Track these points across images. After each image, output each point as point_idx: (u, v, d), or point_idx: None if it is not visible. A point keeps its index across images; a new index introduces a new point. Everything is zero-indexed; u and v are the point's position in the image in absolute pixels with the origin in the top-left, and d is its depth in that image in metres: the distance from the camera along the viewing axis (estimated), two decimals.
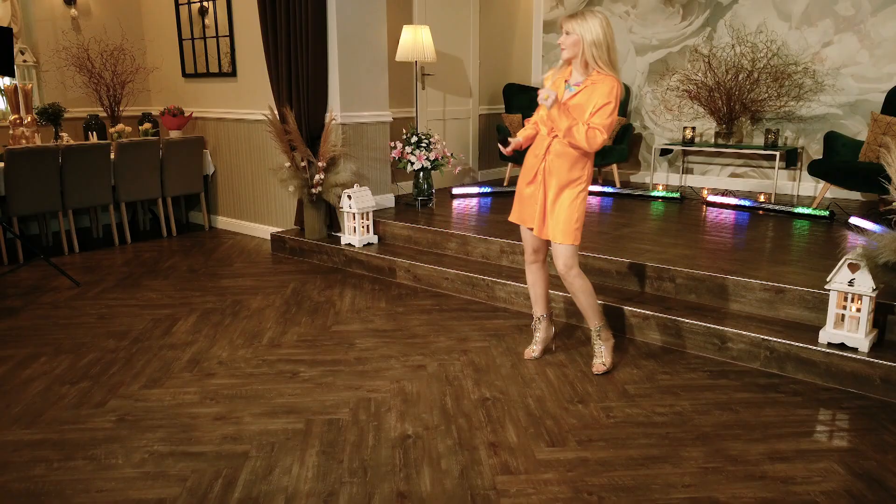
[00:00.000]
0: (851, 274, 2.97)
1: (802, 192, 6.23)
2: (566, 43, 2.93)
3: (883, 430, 2.64)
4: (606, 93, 2.88)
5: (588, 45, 2.88)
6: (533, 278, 3.31)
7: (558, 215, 3.02)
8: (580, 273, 3.10)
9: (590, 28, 2.87)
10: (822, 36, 5.92)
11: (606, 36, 2.89)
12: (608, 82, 2.89)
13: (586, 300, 3.13)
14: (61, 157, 5.18)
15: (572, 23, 2.91)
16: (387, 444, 2.56)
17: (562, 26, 2.96)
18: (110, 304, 4.19)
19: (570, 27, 2.91)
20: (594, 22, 2.88)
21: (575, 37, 2.90)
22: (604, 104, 2.87)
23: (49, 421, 2.75)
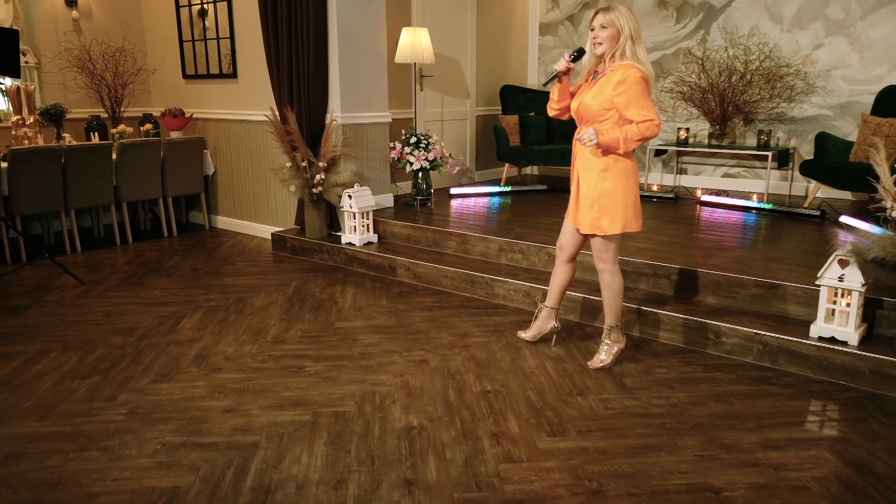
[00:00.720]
0: (841, 270, 3.06)
1: (794, 191, 6.34)
2: (603, 37, 2.86)
3: (872, 420, 2.73)
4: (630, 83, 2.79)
5: (625, 38, 2.85)
6: (555, 271, 3.37)
7: (584, 205, 3.04)
8: (612, 270, 3.10)
9: (626, 21, 2.84)
10: (814, 38, 6.04)
11: (637, 28, 2.89)
12: (629, 69, 2.81)
13: (610, 298, 3.16)
14: (64, 157, 5.23)
15: (607, 17, 2.85)
16: (392, 435, 2.64)
17: (593, 21, 2.91)
18: (115, 302, 4.26)
19: (606, 21, 2.85)
20: (629, 15, 2.86)
21: (613, 30, 2.85)
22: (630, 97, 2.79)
23: (62, 414, 2.81)
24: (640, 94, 2.82)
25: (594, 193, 3.00)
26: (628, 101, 2.83)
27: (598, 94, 2.92)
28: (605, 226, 3.02)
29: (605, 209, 3.00)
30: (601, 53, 2.92)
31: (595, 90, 2.94)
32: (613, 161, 2.97)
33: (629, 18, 2.86)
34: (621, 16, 2.85)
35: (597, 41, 2.90)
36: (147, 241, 5.96)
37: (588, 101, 2.96)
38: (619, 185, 2.98)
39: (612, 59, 2.91)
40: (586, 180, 3.04)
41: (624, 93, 2.83)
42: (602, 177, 2.98)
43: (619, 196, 2.99)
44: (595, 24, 2.91)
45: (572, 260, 3.32)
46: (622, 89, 2.83)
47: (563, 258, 3.31)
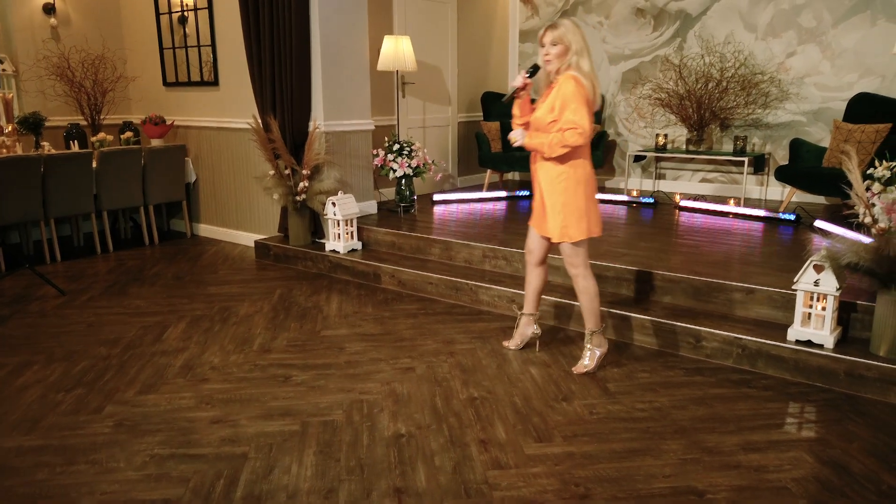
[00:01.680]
0: (817, 275, 3.15)
1: (770, 196, 6.47)
2: (553, 54, 2.98)
3: (847, 421, 2.81)
4: (568, 87, 2.93)
5: (573, 53, 2.98)
6: (528, 277, 3.47)
7: (550, 214, 3.14)
8: (584, 274, 3.18)
9: (574, 37, 2.97)
10: (787, 47, 6.18)
11: (586, 42, 3.01)
12: (566, 80, 2.95)
13: (586, 302, 3.24)
14: (43, 166, 5.18)
15: (555, 34, 2.97)
16: (381, 443, 2.67)
17: (542, 38, 3.01)
18: (98, 312, 4.23)
19: (555, 38, 2.97)
20: (576, 30, 2.98)
21: (562, 47, 2.97)
22: (566, 100, 2.92)
23: (48, 427, 2.80)
24: (573, 100, 2.91)
25: (558, 202, 3.11)
26: (563, 105, 2.95)
27: (547, 104, 3.06)
28: (572, 233, 3.12)
29: (570, 216, 3.10)
30: (551, 69, 3.04)
31: (546, 102, 3.07)
32: (570, 168, 3.07)
33: (576, 33, 2.99)
34: (568, 31, 2.97)
35: (547, 58, 3.02)
36: (128, 249, 5.92)
37: (539, 115, 3.10)
38: (580, 192, 3.09)
39: (558, 73, 3.04)
40: (548, 190, 3.15)
41: (561, 98, 2.96)
42: (562, 185, 3.09)
43: (581, 202, 3.10)
44: (545, 41, 3.01)
45: (542, 263, 3.42)
46: (562, 94, 2.96)
47: (534, 262, 3.40)
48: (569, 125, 2.92)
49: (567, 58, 2.99)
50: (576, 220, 3.10)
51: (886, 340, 3.05)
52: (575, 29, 2.99)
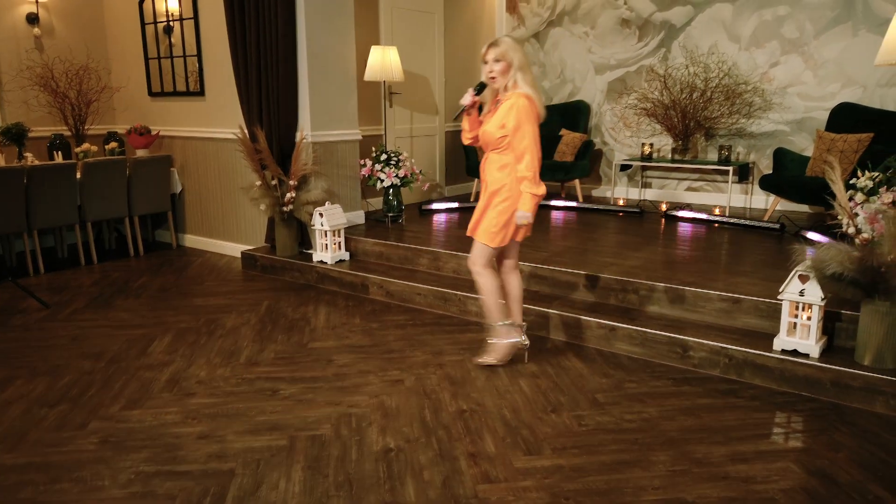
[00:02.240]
0: (802, 284, 3.18)
1: (754, 204, 6.53)
2: (496, 70, 3.10)
3: (834, 431, 2.84)
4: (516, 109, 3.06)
5: (516, 69, 3.10)
6: (505, 288, 3.52)
7: (488, 217, 3.29)
8: (481, 272, 3.35)
9: (515, 53, 3.09)
10: (770, 57, 6.25)
11: (526, 58, 3.16)
12: (517, 97, 3.08)
13: (485, 299, 3.41)
14: (26, 177, 5.13)
15: (498, 51, 3.09)
16: (370, 458, 2.65)
17: (486, 56, 3.13)
18: (82, 326, 4.18)
19: (497, 55, 3.09)
20: (517, 47, 3.12)
21: (505, 63, 3.09)
22: (518, 123, 3.07)
23: (32, 444, 2.75)
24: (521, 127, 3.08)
25: (493, 210, 3.26)
26: (517, 125, 3.08)
27: (494, 121, 3.18)
28: (496, 239, 3.28)
29: (498, 224, 3.25)
30: (498, 87, 3.16)
31: (494, 118, 3.19)
32: (513, 185, 3.22)
33: (517, 50, 3.12)
34: (510, 49, 3.09)
35: (491, 75, 3.13)
36: (113, 260, 5.86)
37: (488, 129, 3.20)
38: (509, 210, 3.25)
39: (505, 90, 3.15)
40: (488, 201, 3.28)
41: (512, 119, 3.08)
42: (503, 196, 3.23)
43: (506, 217, 3.25)
44: (488, 58, 3.12)
45: (515, 268, 3.51)
46: (513, 117, 3.08)
47: (507, 269, 3.50)
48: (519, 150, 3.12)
49: (510, 74, 3.10)
50: (500, 229, 3.25)
51: (871, 349, 3.08)
52: (516, 46, 3.13)
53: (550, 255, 4.58)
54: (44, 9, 6.05)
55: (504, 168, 3.22)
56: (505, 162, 3.21)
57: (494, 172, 3.25)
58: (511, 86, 3.12)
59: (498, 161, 3.23)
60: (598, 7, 7.17)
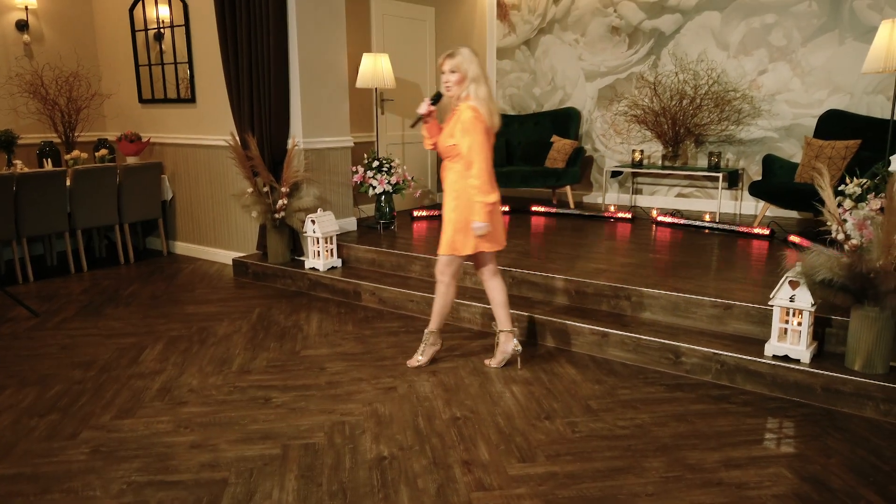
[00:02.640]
0: (792, 290, 3.20)
1: (744, 210, 6.58)
2: (452, 81, 3.17)
3: (825, 436, 2.85)
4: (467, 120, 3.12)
5: (470, 80, 3.16)
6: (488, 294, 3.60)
7: (447, 228, 3.36)
8: (448, 283, 3.46)
9: (470, 65, 3.15)
10: (758, 64, 6.31)
11: (481, 70, 3.19)
12: (465, 110, 3.15)
13: (440, 307, 3.51)
14: (15, 184, 5.09)
15: (454, 62, 3.15)
16: (364, 466, 2.64)
17: (443, 66, 3.19)
18: (72, 334, 4.15)
19: (453, 66, 3.15)
20: (472, 58, 3.16)
21: (460, 74, 3.16)
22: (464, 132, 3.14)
23: (21, 454, 2.73)
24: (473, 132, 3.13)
25: (450, 219, 3.34)
26: (463, 137, 3.15)
27: (446, 131, 3.28)
28: (458, 247, 3.35)
29: (458, 232, 3.33)
30: (452, 95, 3.24)
31: (448, 128, 3.28)
32: (463, 188, 3.28)
33: (473, 62, 3.17)
34: (465, 60, 3.15)
35: (447, 85, 3.21)
36: (103, 268, 5.82)
37: (444, 140, 3.29)
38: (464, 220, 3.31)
39: (458, 100, 3.23)
40: (448, 209, 3.36)
41: (461, 132, 3.16)
42: (454, 204, 3.32)
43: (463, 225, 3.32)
44: (444, 68, 3.19)
45: (495, 273, 3.54)
46: (459, 128, 3.17)
47: (488, 276, 3.53)
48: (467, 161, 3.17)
49: (465, 85, 3.17)
50: (454, 234, 3.32)
51: (861, 355, 3.11)
52: (472, 57, 3.17)
53: (542, 261, 4.59)
54: (33, 16, 6.02)
55: (457, 175, 3.31)
56: (458, 169, 3.29)
57: (450, 179, 3.35)
58: (464, 97, 3.19)
59: (452, 168, 3.32)
60: (588, 15, 7.22)
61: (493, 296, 3.55)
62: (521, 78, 7.83)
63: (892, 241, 2.94)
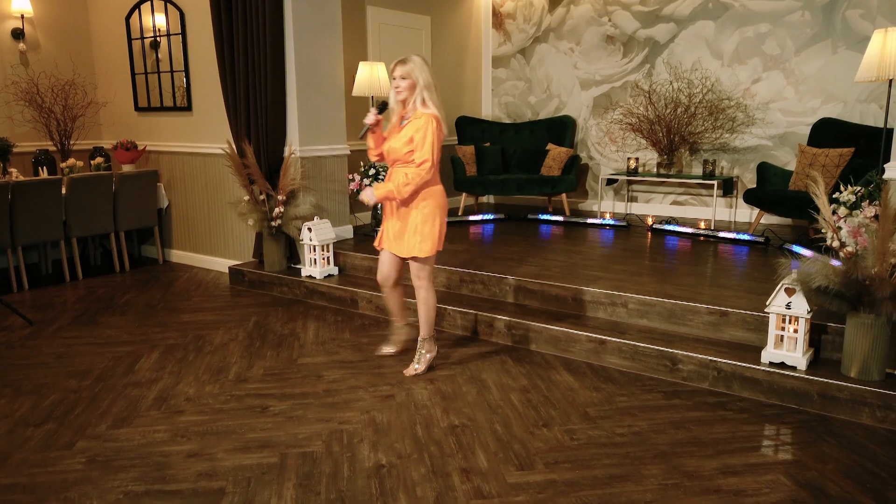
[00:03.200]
0: (788, 298, 3.22)
1: (739, 218, 6.61)
2: (403, 87, 3.25)
3: (822, 442, 2.86)
4: (427, 127, 3.23)
5: (421, 88, 3.25)
6: (389, 298, 3.76)
7: (408, 234, 3.41)
8: (427, 287, 3.51)
9: (420, 73, 3.24)
10: (752, 73, 6.36)
11: (431, 77, 3.29)
12: (426, 118, 3.24)
13: (425, 313, 3.55)
14: (10, 193, 5.08)
15: (404, 69, 3.23)
16: (362, 475, 2.64)
17: (393, 72, 3.26)
18: (68, 343, 4.13)
19: (404, 73, 3.24)
20: (423, 65, 3.26)
21: (411, 81, 3.24)
22: (423, 137, 3.23)
23: (17, 464, 2.71)
24: (427, 139, 3.24)
25: (418, 224, 3.39)
26: (419, 144, 3.25)
27: (402, 137, 3.32)
28: (427, 248, 3.41)
29: (425, 236, 3.39)
30: (403, 100, 3.32)
31: (401, 134, 3.33)
32: (432, 198, 3.39)
33: (423, 69, 3.26)
34: (416, 67, 3.24)
35: (398, 90, 3.29)
36: (98, 276, 5.81)
37: (395, 145, 3.34)
38: (437, 216, 3.42)
39: (413, 107, 3.30)
40: (411, 215, 3.40)
41: (420, 134, 3.25)
42: (427, 211, 3.38)
43: (437, 226, 3.42)
44: (395, 75, 3.27)
45: (398, 284, 3.68)
46: (421, 133, 3.24)
47: (390, 285, 3.66)
48: (421, 160, 3.25)
49: (416, 92, 3.26)
50: (431, 239, 3.41)
51: (857, 361, 3.12)
52: (423, 65, 3.26)
53: (539, 269, 4.60)
54: (29, 24, 6.02)
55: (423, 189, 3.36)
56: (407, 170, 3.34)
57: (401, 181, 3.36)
58: (419, 104, 3.27)
59: (402, 171, 3.34)
60: (583, 24, 7.26)
61: (399, 299, 3.74)
62: (516, 86, 7.87)
63: (886, 248, 2.96)
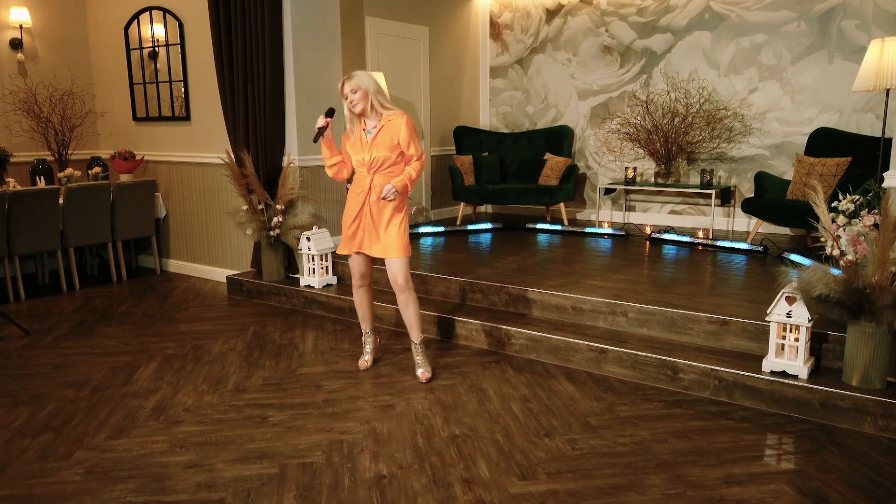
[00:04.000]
0: (789, 306, 3.22)
1: (737, 227, 6.62)
2: (356, 99, 3.40)
3: (825, 452, 2.85)
4: (409, 126, 3.45)
5: (372, 94, 3.42)
6: (362, 299, 3.80)
7: (389, 235, 3.50)
8: (411, 286, 3.59)
9: (367, 81, 3.42)
10: (748, 83, 6.40)
11: (378, 83, 3.48)
12: (400, 118, 3.44)
13: (415, 312, 3.62)
14: (8, 202, 5.06)
15: (353, 83, 3.40)
16: (363, 485, 2.61)
17: (343, 90, 3.42)
18: (65, 353, 4.10)
19: (353, 86, 3.40)
20: (366, 75, 3.45)
21: (361, 92, 3.40)
22: (410, 136, 3.45)
23: (14, 475, 2.68)
24: (415, 135, 3.49)
25: (397, 224, 3.52)
26: (407, 142, 3.45)
27: (384, 143, 3.44)
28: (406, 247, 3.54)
29: (405, 234, 3.54)
30: (361, 111, 3.44)
31: (381, 141, 3.45)
32: (403, 199, 3.55)
33: (369, 79, 3.44)
34: (363, 79, 3.42)
35: (353, 104, 3.43)
36: (95, 286, 5.78)
37: (381, 153, 3.45)
38: (406, 216, 3.58)
39: (374, 113, 3.45)
40: (387, 214, 3.51)
41: (408, 135, 3.44)
42: (397, 211, 3.52)
43: (406, 224, 3.57)
44: (346, 91, 3.42)
45: (371, 282, 3.81)
46: (408, 133, 3.44)
47: (367, 283, 3.78)
48: (420, 154, 3.50)
49: (369, 99, 3.41)
50: (406, 238, 3.54)
51: (858, 370, 3.12)
52: (367, 75, 3.45)
53: (538, 277, 4.59)
54: (28, 34, 6.03)
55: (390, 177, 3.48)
56: (390, 171, 3.48)
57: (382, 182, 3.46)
58: (379, 108, 3.43)
59: (384, 174, 3.48)
60: (580, 34, 7.30)
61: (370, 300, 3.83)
62: (514, 96, 7.89)
63: (887, 256, 2.96)
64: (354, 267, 3.71)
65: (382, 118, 3.45)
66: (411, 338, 3.69)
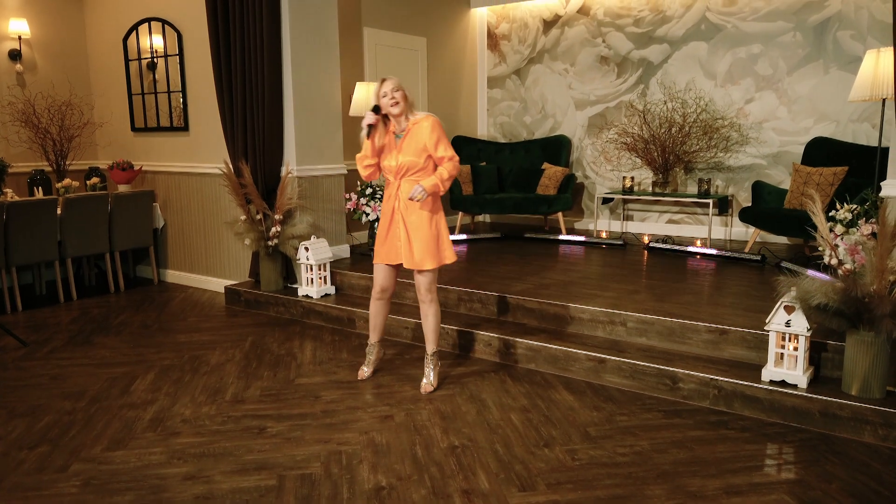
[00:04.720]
0: (787, 315, 3.22)
1: (734, 236, 6.63)
2: (399, 97, 3.39)
3: (825, 461, 2.84)
4: (436, 127, 3.41)
5: (411, 95, 3.49)
6: (379, 311, 3.77)
7: (422, 246, 3.45)
8: (435, 297, 3.59)
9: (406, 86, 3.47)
10: (745, 93, 6.43)
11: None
12: (430, 119, 3.42)
13: (435, 324, 3.62)
14: (6, 213, 5.06)
15: (394, 82, 3.41)
16: (362, 497, 2.60)
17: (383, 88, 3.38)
18: (62, 364, 4.09)
19: (395, 85, 3.41)
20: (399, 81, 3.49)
21: (402, 92, 3.43)
22: (438, 138, 3.40)
23: (10, 488, 2.66)
24: (443, 134, 3.44)
25: (429, 234, 3.46)
26: (438, 141, 3.40)
27: (412, 147, 3.42)
28: (448, 256, 3.53)
29: (443, 244, 3.52)
30: (400, 112, 3.41)
31: (409, 146, 3.42)
32: (437, 204, 3.50)
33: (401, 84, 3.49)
34: (400, 82, 3.44)
35: (394, 101, 3.39)
36: (93, 297, 5.76)
37: (408, 158, 3.42)
38: (443, 223, 3.53)
39: (403, 118, 3.44)
40: (418, 224, 3.45)
41: (435, 136, 3.40)
42: (432, 219, 3.47)
43: (445, 233, 3.53)
44: (387, 89, 3.40)
45: (391, 297, 3.77)
46: (436, 134, 3.39)
47: (387, 297, 3.74)
48: (452, 156, 3.42)
49: (409, 100, 3.44)
50: (446, 247, 3.52)
51: (857, 379, 3.12)
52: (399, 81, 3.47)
53: (536, 286, 4.59)
54: (26, 45, 6.04)
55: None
56: (417, 178, 3.44)
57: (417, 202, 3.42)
58: (409, 111, 3.43)
59: (410, 180, 3.44)
60: (577, 45, 7.34)
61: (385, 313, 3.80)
62: (511, 106, 7.92)
63: (885, 265, 2.97)
64: (378, 278, 3.67)
65: (410, 122, 3.44)
66: (426, 348, 3.69)
